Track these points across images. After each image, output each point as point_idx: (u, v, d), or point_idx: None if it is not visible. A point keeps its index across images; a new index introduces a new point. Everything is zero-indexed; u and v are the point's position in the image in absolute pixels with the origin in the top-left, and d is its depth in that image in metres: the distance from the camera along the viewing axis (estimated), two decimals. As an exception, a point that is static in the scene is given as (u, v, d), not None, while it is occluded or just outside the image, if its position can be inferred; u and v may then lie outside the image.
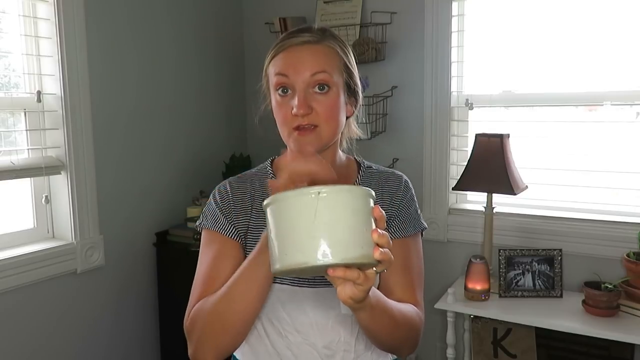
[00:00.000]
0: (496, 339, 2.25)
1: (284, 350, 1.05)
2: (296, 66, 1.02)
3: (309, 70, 1.02)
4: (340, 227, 0.75)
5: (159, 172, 2.53)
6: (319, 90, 1.03)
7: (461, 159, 2.47)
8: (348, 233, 0.75)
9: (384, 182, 1.15)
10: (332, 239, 0.74)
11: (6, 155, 2.00)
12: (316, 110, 1.02)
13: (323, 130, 1.03)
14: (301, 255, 0.75)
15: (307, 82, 1.02)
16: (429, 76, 2.47)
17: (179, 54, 2.60)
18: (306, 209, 0.75)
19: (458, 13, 2.43)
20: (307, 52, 1.03)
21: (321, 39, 1.06)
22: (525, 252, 2.19)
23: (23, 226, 2.12)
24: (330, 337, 1.05)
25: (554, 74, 2.29)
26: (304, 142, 1.02)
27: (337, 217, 0.75)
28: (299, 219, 0.76)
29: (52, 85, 2.08)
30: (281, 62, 1.04)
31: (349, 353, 1.06)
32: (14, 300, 1.99)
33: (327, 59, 1.04)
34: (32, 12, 2.05)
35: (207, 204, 1.15)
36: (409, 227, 1.11)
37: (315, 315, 1.04)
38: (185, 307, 1.07)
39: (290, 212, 0.77)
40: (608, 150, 2.25)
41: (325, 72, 1.02)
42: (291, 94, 1.03)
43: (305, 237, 0.75)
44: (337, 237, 0.75)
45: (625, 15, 2.15)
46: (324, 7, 2.66)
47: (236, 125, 2.95)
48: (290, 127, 1.03)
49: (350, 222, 0.76)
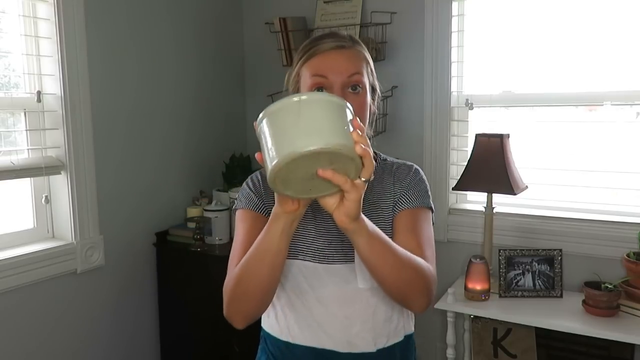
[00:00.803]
0: (496, 339, 2.25)
1: (309, 320, 1.15)
2: (334, 68, 1.13)
3: (346, 72, 1.13)
4: (321, 120, 0.84)
5: (159, 172, 2.53)
6: (352, 90, 1.14)
7: (461, 159, 2.48)
8: (329, 124, 0.84)
9: (396, 171, 1.24)
10: (315, 129, 0.82)
11: (6, 155, 2.00)
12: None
13: None
14: (289, 147, 0.81)
15: (344, 82, 1.13)
16: (429, 76, 2.47)
17: (178, 54, 2.60)
18: (291, 111, 0.84)
19: (458, 13, 2.43)
20: (343, 56, 1.15)
21: (352, 44, 1.18)
22: (525, 252, 2.19)
23: (23, 226, 2.12)
24: (349, 308, 1.14)
25: (554, 74, 2.29)
26: None
27: (318, 115, 0.84)
28: (285, 121, 0.84)
29: (52, 85, 2.08)
30: (318, 64, 1.15)
31: (366, 323, 1.15)
32: (14, 300, 1.99)
33: (359, 62, 1.17)
34: (32, 12, 2.05)
35: (240, 190, 1.27)
36: (416, 200, 1.19)
37: (335, 288, 1.14)
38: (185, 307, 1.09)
39: (278, 118, 0.85)
40: (608, 150, 2.25)
41: (358, 73, 1.15)
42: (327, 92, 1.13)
43: (290, 134, 0.83)
44: (319, 127, 0.83)
45: (625, 15, 2.15)
46: (324, 7, 2.66)
47: (236, 125, 2.94)
48: None
49: (330, 117, 0.85)
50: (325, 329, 1.15)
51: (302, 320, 1.16)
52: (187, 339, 2.46)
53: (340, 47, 1.16)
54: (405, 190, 1.20)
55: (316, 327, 1.15)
